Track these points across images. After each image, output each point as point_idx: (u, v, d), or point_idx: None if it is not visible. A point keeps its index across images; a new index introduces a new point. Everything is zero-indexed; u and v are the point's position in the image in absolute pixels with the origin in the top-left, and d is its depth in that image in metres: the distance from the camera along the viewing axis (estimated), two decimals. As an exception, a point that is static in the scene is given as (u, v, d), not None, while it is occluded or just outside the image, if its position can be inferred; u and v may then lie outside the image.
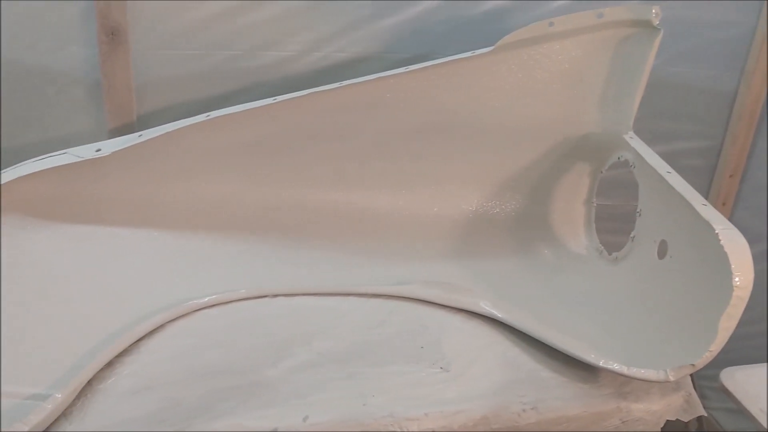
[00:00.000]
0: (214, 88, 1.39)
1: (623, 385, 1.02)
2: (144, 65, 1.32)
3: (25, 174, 1.14)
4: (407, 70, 1.27)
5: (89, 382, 0.93)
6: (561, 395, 1.00)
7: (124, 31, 1.26)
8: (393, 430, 0.93)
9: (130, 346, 1.01)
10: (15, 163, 1.19)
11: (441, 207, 1.36)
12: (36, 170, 1.15)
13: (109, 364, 0.97)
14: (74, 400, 0.90)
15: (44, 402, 0.85)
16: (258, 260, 1.22)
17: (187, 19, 1.32)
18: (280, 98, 1.22)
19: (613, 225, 1.42)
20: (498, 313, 1.13)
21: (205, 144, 1.22)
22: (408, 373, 1.02)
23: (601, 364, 1.00)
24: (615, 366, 0.98)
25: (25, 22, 1.26)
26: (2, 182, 1.13)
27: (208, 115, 1.21)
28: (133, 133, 1.25)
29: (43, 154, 1.21)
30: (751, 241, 0.94)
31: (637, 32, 1.26)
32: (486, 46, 1.28)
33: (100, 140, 1.25)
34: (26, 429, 0.82)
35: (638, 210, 1.20)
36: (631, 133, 1.28)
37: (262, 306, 1.13)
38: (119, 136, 1.27)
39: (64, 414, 0.87)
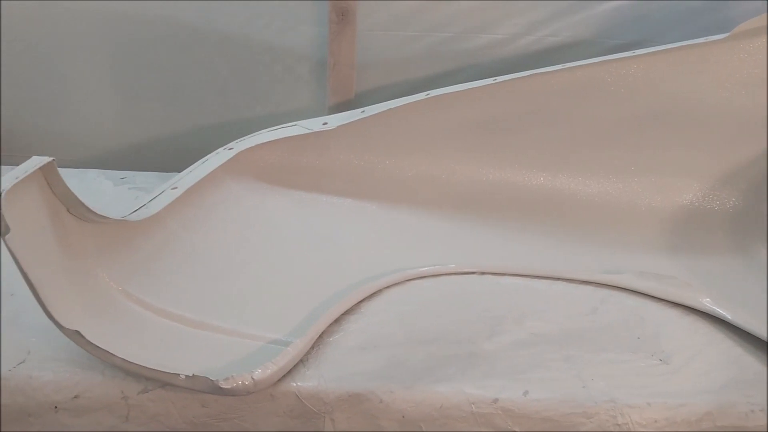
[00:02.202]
0: (428, 69, 1.42)
1: None
2: (366, 45, 1.38)
3: (260, 143, 1.24)
4: (632, 54, 1.23)
5: (320, 335, 0.99)
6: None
7: (353, 12, 1.32)
8: (614, 415, 0.91)
9: (353, 306, 1.06)
10: (243, 135, 1.30)
11: (654, 198, 1.31)
12: (269, 140, 1.25)
13: (336, 321, 1.03)
14: (309, 349, 0.96)
15: (287, 347, 0.92)
16: (468, 237, 1.24)
17: (410, 3, 1.36)
18: (500, 78, 1.23)
19: None
20: (722, 311, 1.07)
21: (423, 121, 1.26)
22: (626, 361, 0.99)
23: None
24: None
25: (264, 3, 1.37)
26: (240, 149, 1.23)
27: (428, 94, 1.24)
28: (350, 109, 1.32)
29: (268, 127, 1.31)
30: None
31: None
32: (704, 36, 1.22)
33: (320, 116, 1.33)
34: (276, 368, 0.88)
35: None
36: None
37: (472, 282, 1.15)
38: (338, 112, 1.34)
39: (302, 360, 0.94)
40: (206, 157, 1.23)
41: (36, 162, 0.86)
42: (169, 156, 1.48)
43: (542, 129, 1.28)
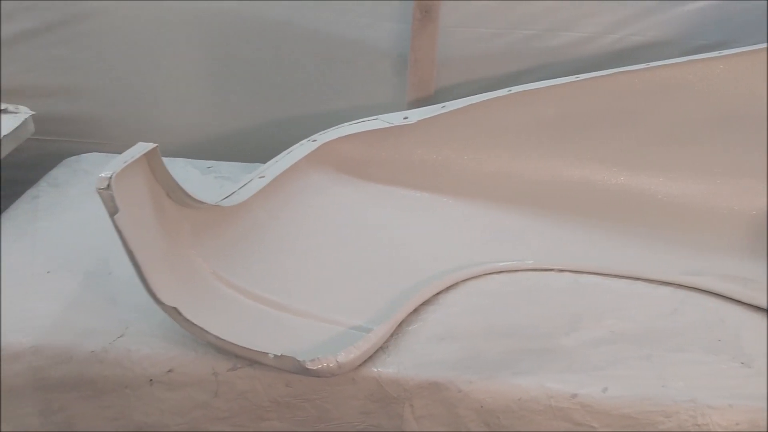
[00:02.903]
0: (508, 66, 1.43)
1: None
2: (448, 42, 1.40)
3: (342, 135, 1.27)
4: (718, 54, 1.21)
5: (400, 324, 1.01)
6: None
7: (436, 9, 1.34)
8: (694, 415, 0.90)
9: (431, 297, 1.08)
10: (324, 128, 1.34)
11: (736, 201, 1.28)
12: (351, 132, 1.28)
13: (415, 311, 1.05)
14: (389, 337, 0.98)
15: (369, 333, 0.95)
16: (545, 234, 1.24)
17: (492, 1, 1.37)
18: (583, 76, 1.23)
19: None
20: (810, 318, 1.05)
21: (504, 117, 1.27)
22: (707, 363, 0.98)
23: None
24: None
25: (351, 1, 1.40)
26: (323, 141, 1.27)
27: (510, 90, 1.25)
28: (429, 105, 1.34)
29: (349, 120, 1.34)
30: None
31: None
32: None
33: (399, 111, 1.36)
34: (358, 352, 0.91)
35: None
36: None
37: (549, 279, 1.15)
38: (417, 107, 1.36)
39: (383, 347, 0.97)
40: (290, 148, 1.27)
41: (141, 148, 0.91)
42: (252, 147, 1.53)
43: (624, 128, 1.28)
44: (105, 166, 0.86)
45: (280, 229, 1.16)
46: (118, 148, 1.52)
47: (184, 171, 1.44)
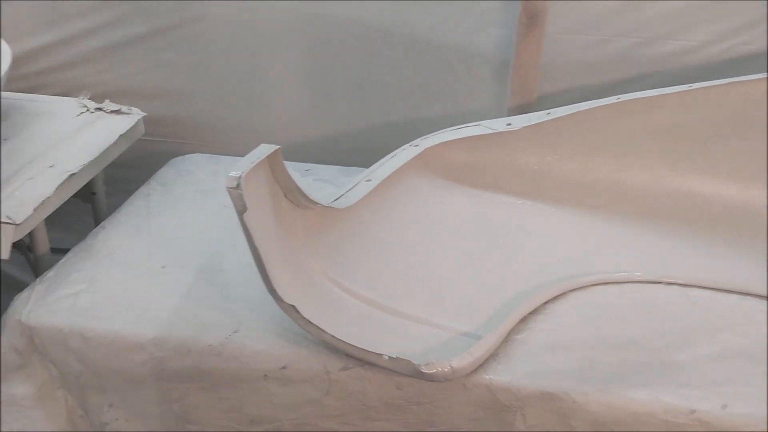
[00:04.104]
0: (613, 73, 1.41)
1: None
2: (552, 48, 1.39)
3: (444, 141, 1.28)
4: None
5: (508, 332, 1.01)
6: None
7: (542, 15, 1.34)
8: (822, 440, 0.87)
9: (538, 306, 1.07)
10: (422, 133, 1.35)
11: None
12: (453, 138, 1.28)
13: (523, 320, 1.04)
14: (499, 344, 0.98)
15: (481, 340, 0.95)
16: (651, 246, 1.22)
17: (600, 6, 1.36)
18: (695, 85, 1.20)
19: None
20: None
21: (611, 125, 1.25)
22: (830, 385, 0.94)
23: None
24: None
25: (454, 7, 1.41)
26: (425, 146, 1.28)
27: (619, 98, 1.24)
28: (530, 112, 1.33)
29: (447, 125, 1.34)
30: None
31: None
32: None
33: (499, 116, 1.35)
34: (471, 359, 0.92)
35: None
36: None
37: (658, 291, 1.13)
38: (518, 114, 1.36)
39: (493, 355, 0.96)
40: (393, 153, 1.28)
41: (265, 149, 0.94)
42: (350, 151, 1.55)
43: (736, 139, 1.24)
44: (233, 167, 0.89)
45: (385, 233, 1.17)
46: (218, 149, 1.60)
47: (284, 172, 1.47)
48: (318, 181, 1.44)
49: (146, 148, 1.59)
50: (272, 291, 0.92)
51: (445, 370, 0.90)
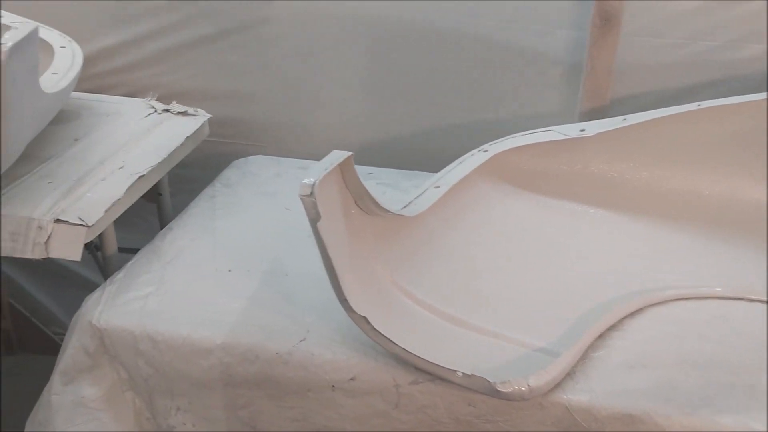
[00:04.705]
0: (688, 78, 1.36)
1: None
2: (626, 50, 1.34)
3: (515, 146, 1.24)
4: None
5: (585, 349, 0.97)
6: None
7: (617, 17, 1.29)
8: None
9: (615, 322, 1.03)
10: (486, 137, 1.31)
11: None
12: (524, 143, 1.25)
13: (600, 336, 1.00)
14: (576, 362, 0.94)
15: (558, 358, 0.91)
16: (729, 258, 1.16)
17: (677, 8, 1.30)
18: (779, 92, 1.14)
19: None
20: None
21: (690, 133, 1.20)
22: None
23: None
24: None
25: (523, 7, 1.37)
26: (495, 152, 1.24)
27: (699, 104, 1.18)
28: (602, 116, 1.29)
29: (515, 130, 1.30)
30: None
31: None
32: None
33: (568, 121, 1.31)
34: (549, 377, 0.88)
35: None
36: None
37: (739, 308, 1.08)
38: (589, 118, 1.31)
39: (570, 373, 0.93)
40: (462, 158, 1.25)
41: (338, 156, 0.92)
42: (412, 154, 1.53)
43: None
44: (306, 173, 0.87)
45: (454, 241, 1.15)
46: (280, 151, 1.59)
47: (346, 176, 1.45)
48: (380, 185, 1.42)
49: (209, 149, 1.60)
50: (343, 301, 0.90)
51: (522, 389, 0.87)
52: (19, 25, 0.95)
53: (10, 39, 0.92)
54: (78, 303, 1.09)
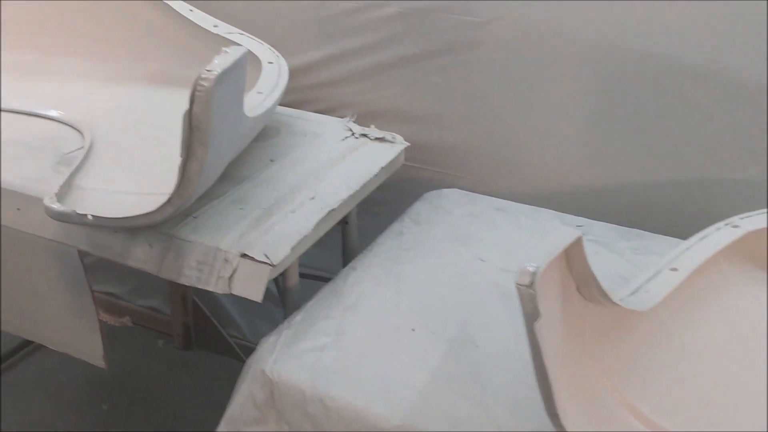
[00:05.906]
0: None
1: None
2: None
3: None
4: None
5: None
6: None
7: None
8: None
9: None
10: (735, 201, 1.10)
11: None
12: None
13: None
14: None
15: None
16: None
17: None
18: None
19: None
20: None
21: None
22: None
23: None
24: None
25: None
26: (748, 229, 1.01)
27: None
28: None
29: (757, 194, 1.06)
30: None
31: None
32: None
33: None
34: None
35: None
36: None
37: None
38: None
39: None
40: (703, 232, 1.03)
41: (566, 237, 0.75)
42: (633, 208, 1.32)
43: None
44: (530, 258, 0.71)
45: (685, 340, 0.93)
46: (476, 183, 1.45)
47: (550, 226, 1.28)
48: (591, 242, 1.23)
49: (400, 172, 1.50)
50: (554, 416, 0.73)
51: None
52: (230, 50, 0.88)
53: (218, 66, 0.85)
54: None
